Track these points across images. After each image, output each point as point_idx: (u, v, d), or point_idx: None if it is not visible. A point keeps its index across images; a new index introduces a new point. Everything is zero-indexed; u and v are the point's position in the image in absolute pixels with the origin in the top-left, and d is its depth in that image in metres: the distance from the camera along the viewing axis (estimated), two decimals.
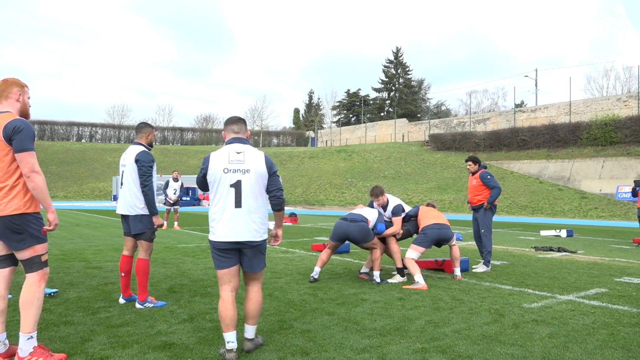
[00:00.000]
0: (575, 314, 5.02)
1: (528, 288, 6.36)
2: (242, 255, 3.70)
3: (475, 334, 4.25)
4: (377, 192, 7.02)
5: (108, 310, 4.82)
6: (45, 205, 3.40)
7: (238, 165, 3.62)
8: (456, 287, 6.37)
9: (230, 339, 3.54)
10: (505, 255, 9.88)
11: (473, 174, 8.30)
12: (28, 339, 3.26)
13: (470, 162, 8.38)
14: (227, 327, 3.55)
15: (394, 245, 7.01)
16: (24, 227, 3.30)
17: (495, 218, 25.62)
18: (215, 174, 3.63)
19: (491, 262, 8.35)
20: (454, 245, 7.03)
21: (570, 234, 14.79)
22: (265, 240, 3.74)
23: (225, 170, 3.61)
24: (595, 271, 7.88)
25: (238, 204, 3.58)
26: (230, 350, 3.51)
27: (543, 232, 15.38)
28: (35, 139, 3.44)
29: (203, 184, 3.77)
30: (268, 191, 3.75)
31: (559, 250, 10.68)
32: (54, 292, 5.37)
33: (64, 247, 9.66)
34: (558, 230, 15.06)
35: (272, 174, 3.72)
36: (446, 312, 5.01)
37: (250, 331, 3.71)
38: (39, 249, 3.39)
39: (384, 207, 7.14)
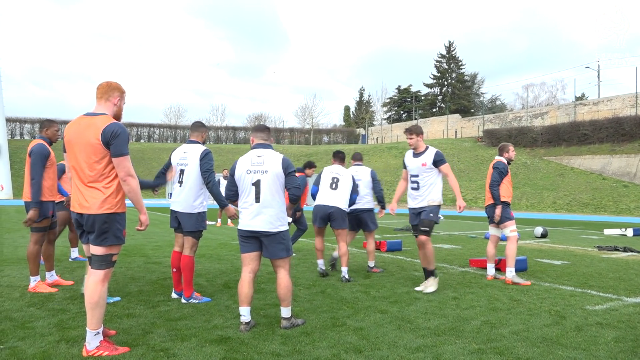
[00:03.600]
0: None
1: (591, 289, 6.07)
2: (262, 244, 4.23)
3: (534, 335, 4.11)
4: (413, 130, 6.03)
5: (167, 304, 5.00)
6: (138, 207, 3.61)
7: (258, 167, 4.21)
8: (513, 287, 6.17)
9: (243, 312, 4.13)
10: (566, 254, 9.47)
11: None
12: (95, 334, 3.46)
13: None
14: (242, 302, 4.15)
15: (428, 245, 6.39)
16: (110, 226, 3.50)
17: (554, 216, 24.70)
18: (240, 174, 4.27)
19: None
20: (510, 236, 6.65)
21: (637, 233, 13.95)
22: (282, 231, 4.21)
23: (248, 172, 4.23)
24: None
25: (257, 199, 4.17)
26: (242, 323, 4.11)
27: (607, 231, 14.61)
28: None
29: (230, 183, 4.36)
30: (286, 188, 4.27)
31: (625, 250, 10.11)
32: (115, 300, 5.13)
33: (125, 243, 10.07)
34: (624, 229, 14.28)
35: (288, 174, 4.23)
36: (503, 313, 4.86)
37: (284, 312, 4.23)
38: (114, 249, 3.59)
39: (419, 154, 6.05)
